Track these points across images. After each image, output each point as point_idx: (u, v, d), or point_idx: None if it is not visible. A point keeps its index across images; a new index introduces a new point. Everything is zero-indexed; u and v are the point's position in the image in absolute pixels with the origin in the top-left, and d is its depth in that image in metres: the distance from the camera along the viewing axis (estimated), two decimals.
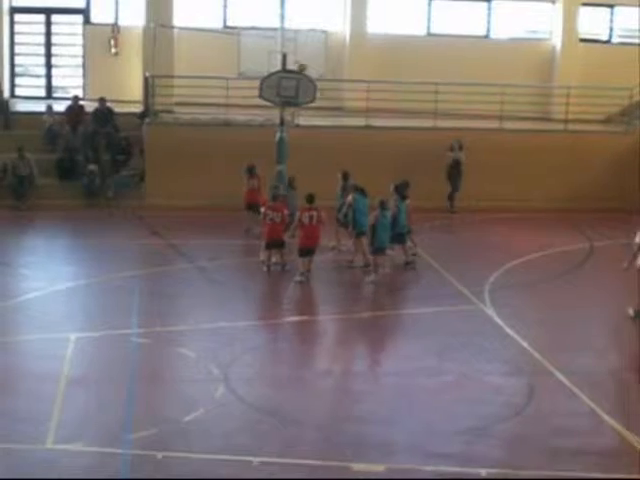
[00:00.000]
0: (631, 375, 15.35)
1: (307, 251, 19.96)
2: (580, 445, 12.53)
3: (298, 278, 19.70)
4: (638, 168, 28.39)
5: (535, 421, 13.37)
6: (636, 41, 33.26)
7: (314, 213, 19.90)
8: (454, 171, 27.51)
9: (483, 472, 11.55)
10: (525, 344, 16.36)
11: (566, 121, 29.60)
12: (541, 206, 22.54)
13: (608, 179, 28.42)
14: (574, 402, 13.88)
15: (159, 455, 11.62)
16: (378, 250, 19.97)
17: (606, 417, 13.27)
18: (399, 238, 20.84)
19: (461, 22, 33.24)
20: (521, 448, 12.56)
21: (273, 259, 20.42)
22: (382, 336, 17.53)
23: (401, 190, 21.07)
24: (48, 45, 32.44)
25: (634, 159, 28.45)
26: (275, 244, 20.31)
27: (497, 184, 27.14)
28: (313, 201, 20.12)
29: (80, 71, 32.42)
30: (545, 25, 33.82)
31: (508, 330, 17.08)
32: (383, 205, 20.06)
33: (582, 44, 33.32)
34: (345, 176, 22.56)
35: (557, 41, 33.22)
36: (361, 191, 20.96)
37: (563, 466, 11.83)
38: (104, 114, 28.36)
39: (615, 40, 34.35)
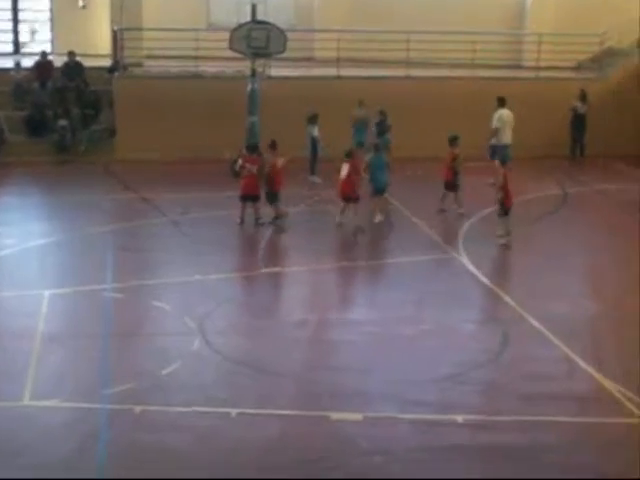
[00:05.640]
0: (605, 321, 15.48)
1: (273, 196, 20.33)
2: (555, 390, 12.64)
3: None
4: (609, 114, 28.48)
5: (510, 367, 13.49)
6: None
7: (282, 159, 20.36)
8: (574, 122, 28.29)
9: (459, 418, 11.65)
10: (499, 291, 16.47)
11: (538, 68, 29.59)
12: (513, 153, 22.58)
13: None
14: (549, 348, 13.99)
15: (137, 409, 11.65)
16: (378, 191, 20.62)
17: (581, 362, 13.39)
18: None
19: None
20: (497, 394, 12.68)
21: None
22: (357, 286, 17.60)
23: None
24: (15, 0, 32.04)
25: (605, 105, 28.52)
26: (250, 197, 20.25)
27: (469, 132, 27.13)
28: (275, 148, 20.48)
29: (48, 25, 32.06)
30: None
31: (482, 278, 17.17)
32: (377, 147, 20.98)
33: None
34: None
35: None
36: (376, 148, 21.08)
37: (538, 411, 11.96)
38: (73, 68, 28.09)
39: None
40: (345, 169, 19.98)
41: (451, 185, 21.51)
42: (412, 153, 25.04)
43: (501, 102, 24.75)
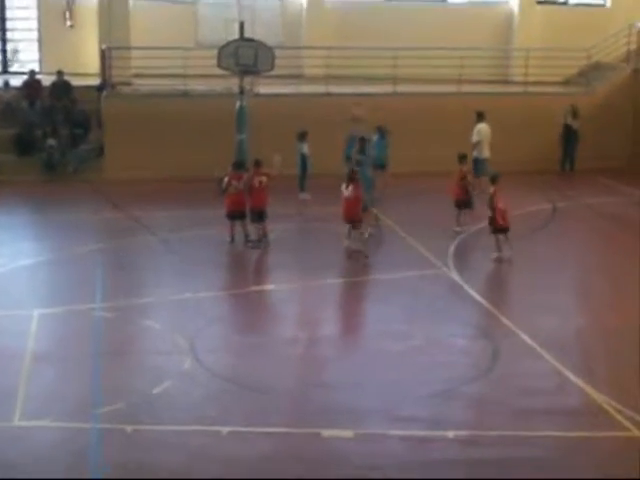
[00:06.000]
0: (595, 335, 15.51)
1: (257, 215, 20.02)
2: (546, 405, 12.66)
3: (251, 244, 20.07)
4: (597, 129, 28.59)
5: (501, 382, 13.51)
6: (592, 2, 33.45)
7: (263, 178, 19.96)
8: (565, 136, 28.66)
9: (450, 434, 11.66)
10: (489, 306, 16.49)
11: (526, 83, 29.71)
12: (502, 169, 22.57)
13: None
14: (539, 363, 14.02)
15: (128, 428, 11.63)
16: (363, 207, 20.03)
17: (572, 376, 13.41)
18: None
19: None
20: (488, 409, 12.69)
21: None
22: (347, 302, 17.61)
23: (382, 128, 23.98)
24: (2, 19, 32.04)
25: (593, 120, 28.63)
26: (237, 215, 20.22)
27: (457, 147, 27.21)
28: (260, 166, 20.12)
29: (36, 45, 32.06)
30: None
31: (472, 293, 17.20)
32: (359, 162, 20.73)
33: (539, 6, 33.36)
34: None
35: (514, 4, 33.21)
36: (358, 164, 20.85)
37: (529, 425, 11.97)
38: (61, 87, 28.11)
39: (572, 1, 34.38)
40: (350, 190, 19.24)
41: (462, 203, 21.25)
42: (399, 169, 25.04)
43: (480, 116, 25.18)
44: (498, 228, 19.16)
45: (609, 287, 18.19)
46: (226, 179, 20.19)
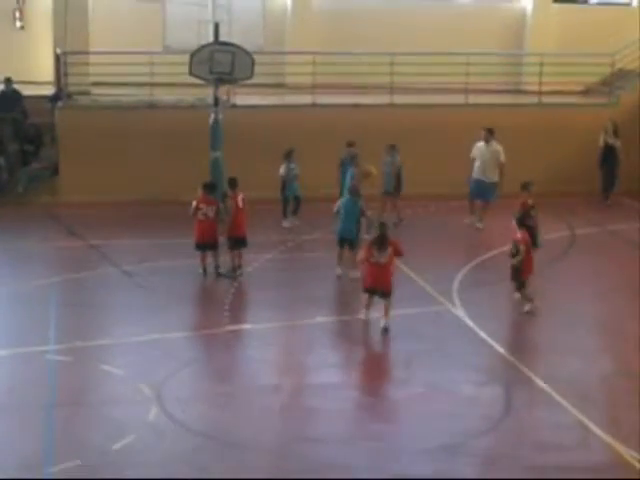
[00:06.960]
0: (622, 380, 15.49)
1: (241, 241, 20.33)
2: (566, 461, 12.65)
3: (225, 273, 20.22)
4: (623, 144, 28.62)
5: (514, 436, 13.49)
6: (616, 0, 33.62)
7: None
8: (606, 157, 28.45)
9: None
10: (500, 348, 16.48)
11: (540, 93, 29.80)
12: (515, 191, 22.63)
13: (590, 158, 28.59)
14: (558, 413, 14.00)
15: None
16: (343, 242, 20.08)
17: (595, 429, 13.39)
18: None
19: None
20: (499, 467, 12.64)
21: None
22: (338, 344, 17.55)
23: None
24: None
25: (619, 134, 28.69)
26: (208, 245, 20.24)
27: (463, 167, 27.30)
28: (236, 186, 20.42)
29: None
30: None
31: (481, 333, 17.19)
32: (353, 191, 20.39)
33: (556, 5, 33.55)
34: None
35: (527, 2, 33.41)
36: (350, 192, 20.61)
37: None
38: (10, 97, 28.11)
39: (593, 0, 34.62)
40: (385, 254, 17.67)
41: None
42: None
43: (492, 133, 25.02)
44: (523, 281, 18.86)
45: (636, 327, 18.17)
46: (194, 203, 20.18)
